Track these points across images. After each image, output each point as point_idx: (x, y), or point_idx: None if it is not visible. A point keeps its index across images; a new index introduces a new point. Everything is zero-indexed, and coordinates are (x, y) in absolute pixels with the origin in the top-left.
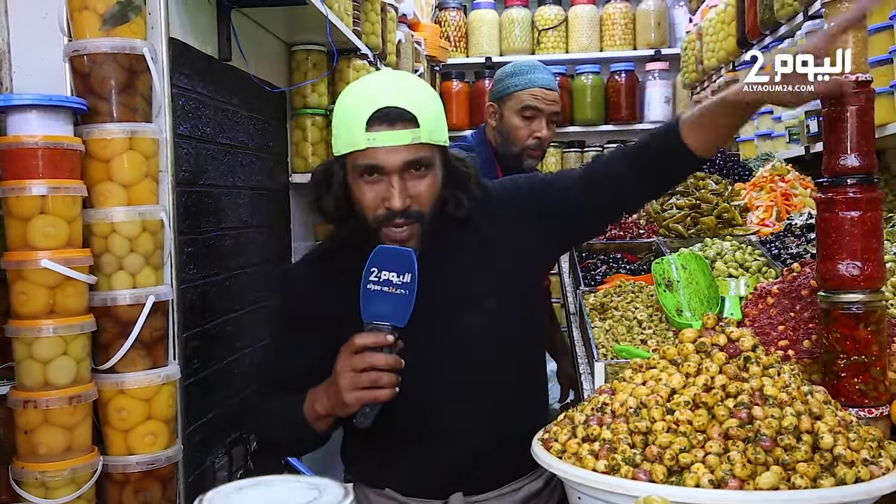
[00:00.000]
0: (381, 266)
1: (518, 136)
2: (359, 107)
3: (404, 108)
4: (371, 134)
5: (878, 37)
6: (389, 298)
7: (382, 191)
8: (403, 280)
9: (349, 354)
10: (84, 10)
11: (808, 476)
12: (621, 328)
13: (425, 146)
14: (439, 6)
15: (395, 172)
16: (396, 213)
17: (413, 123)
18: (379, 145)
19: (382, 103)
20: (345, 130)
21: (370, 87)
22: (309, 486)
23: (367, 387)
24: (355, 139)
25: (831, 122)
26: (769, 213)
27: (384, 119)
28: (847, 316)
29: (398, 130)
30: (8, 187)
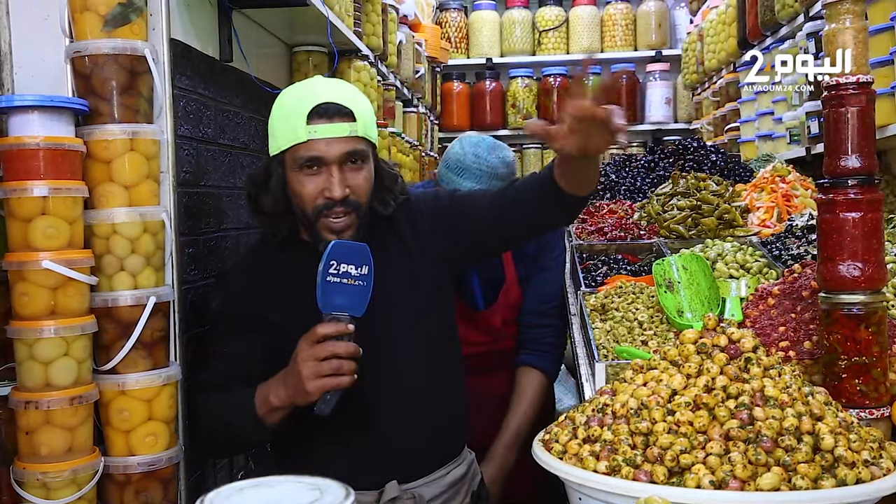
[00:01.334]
0: (340, 259)
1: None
2: (299, 103)
3: (342, 104)
4: (312, 126)
5: (879, 38)
6: (348, 290)
7: (322, 182)
8: (361, 272)
9: (310, 344)
10: (85, 11)
11: (808, 477)
12: (622, 329)
13: (361, 140)
14: (440, 7)
15: (335, 163)
16: (336, 202)
17: (350, 118)
18: (320, 137)
19: (322, 99)
20: (285, 126)
21: (307, 88)
22: (310, 486)
23: (329, 374)
24: (297, 132)
25: (832, 124)
26: (770, 214)
27: (323, 113)
28: (848, 317)
29: (337, 123)
30: (9, 188)
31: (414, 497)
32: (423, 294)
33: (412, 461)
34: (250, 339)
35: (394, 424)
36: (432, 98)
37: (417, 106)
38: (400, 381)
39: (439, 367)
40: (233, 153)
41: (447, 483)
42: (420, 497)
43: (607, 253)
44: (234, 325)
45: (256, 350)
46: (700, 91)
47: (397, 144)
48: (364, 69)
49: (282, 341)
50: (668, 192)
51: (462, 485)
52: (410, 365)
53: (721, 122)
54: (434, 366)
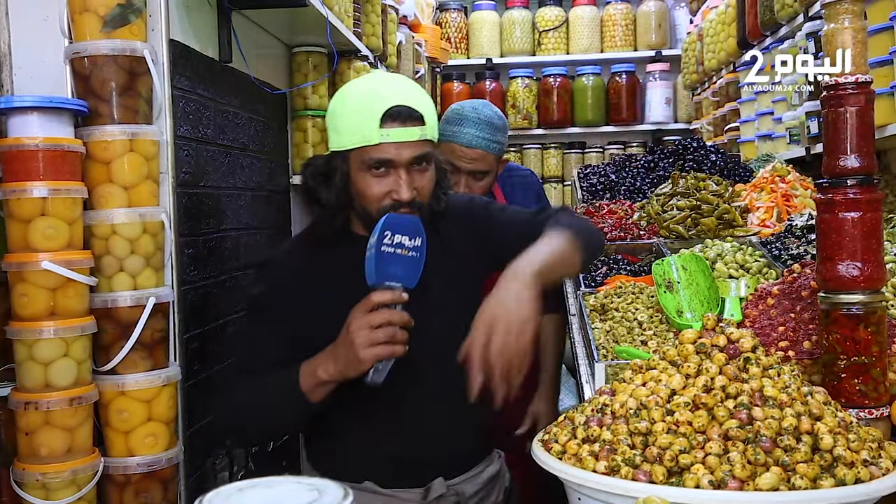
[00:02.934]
0: (394, 230)
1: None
2: (370, 104)
3: (413, 108)
4: (385, 130)
5: (878, 38)
6: (402, 260)
7: (390, 183)
8: (415, 244)
9: (364, 312)
10: (85, 12)
11: (807, 477)
12: (621, 329)
13: (428, 143)
14: (440, 7)
15: (404, 166)
16: (402, 203)
17: (420, 122)
18: (392, 140)
19: (394, 102)
20: (354, 126)
21: (379, 87)
22: (309, 487)
23: (383, 342)
24: (369, 134)
25: (831, 124)
26: (769, 214)
27: (397, 117)
28: (847, 317)
29: (409, 128)
30: (9, 189)
31: (457, 494)
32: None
33: (456, 458)
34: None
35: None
36: (432, 99)
37: None
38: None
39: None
40: (232, 154)
41: (484, 480)
42: (462, 494)
43: (607, 253)
44: (273, 314)
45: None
46: (700, 91)
47: None
48: (363, 70)
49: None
50: (667, 192)
51: (496, 481)
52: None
53: (721, 123)
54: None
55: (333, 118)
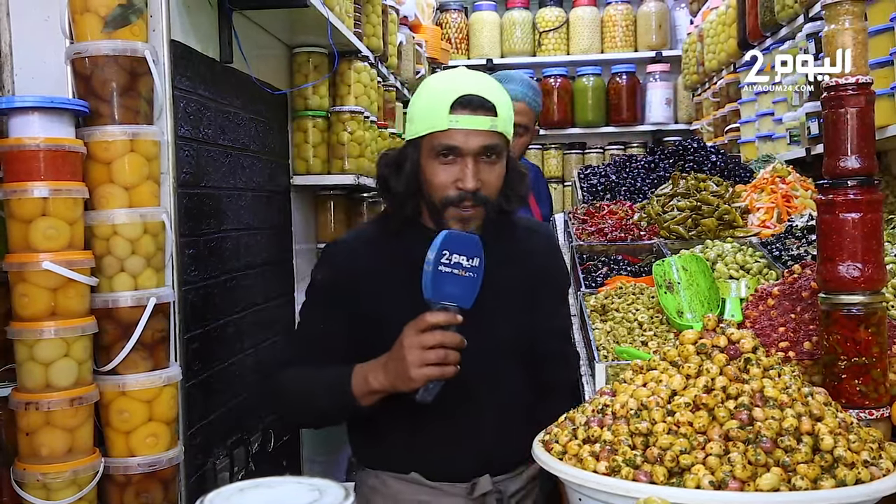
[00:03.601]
0: (453, 249)
1: None
2: (444, 92)
3: (485, 97)
4: (454, 116)
5: (879, 38)
6: (459, 281)
7: (456, 172)
8: (472, 264)
9: (417, 332)
10: (86, 12)
11: (808, 477)
12: (622, 330)
13: (499, 135)
14: (440, 8)
15: (471, 155)
16: (467, 194)
17: (492, 112)
18: (461, 127)
19: (466, 90)
20: (426, 113)
21: (456, 76)
22: (310, 487)
23: (434, 363)
24: (438, 120)
25: (832, 124)
26: (770, 215)
27: (467, 105)
28: (847, 317)
29: (479, 116)
30: (9, 189)
31: (500, 491)
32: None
33: (503, 456)
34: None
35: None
36: None
37: None
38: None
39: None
40: (233, 154)
41: (527, 478)
42: (504, 492)
43: (607, 254)
44: (337, 299)
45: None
46: (700, 92)
47: (398, 145)
48: (364, 70)
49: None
50: (668, 192)
51: (535, 483)
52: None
53: (721, 123)
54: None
55: (411, 108)
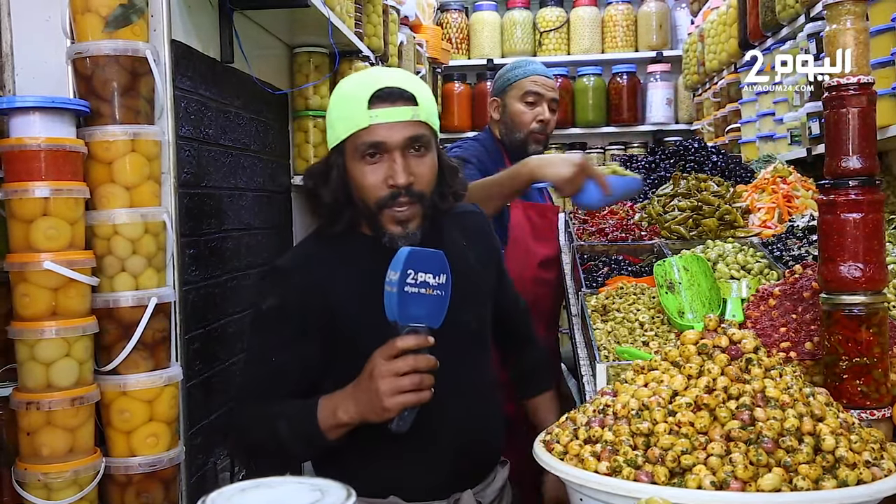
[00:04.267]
0: (417, 268)
1: (522, 121)
2: (359, 89)
3: (403, 88)
4: (374, 111)
5: (880, 38)
6: (426, 301)
7: (385, 170)
8: (439, 281)
9: (388, 358)
10: (87, 12)
11: (809, 478)
12: (623, 330)
13: (424, 125)
14: (441, 8)
15: (398, 149)
16: (400, 190)
17: (412, 102)
18: (382, 121)
19: (383, 83)
20: (345, 114)
21: (368, 74)
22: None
23: (409, 390)
24: (357, 119)
25: (833, 124)
26: (771, 215)
27: (386, 97)
28: (849, 318)
29: (400, 107)
30: (10, 189)
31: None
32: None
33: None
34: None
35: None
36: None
37: None
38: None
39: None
40: (234, 154)
41: (499, 486)
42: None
43: (608, 254)
44: (292, 323)
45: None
46: (701, 92)
47: None
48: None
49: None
50: (668, 192)
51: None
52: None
53: (722, 123)
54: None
55: (329, 114)
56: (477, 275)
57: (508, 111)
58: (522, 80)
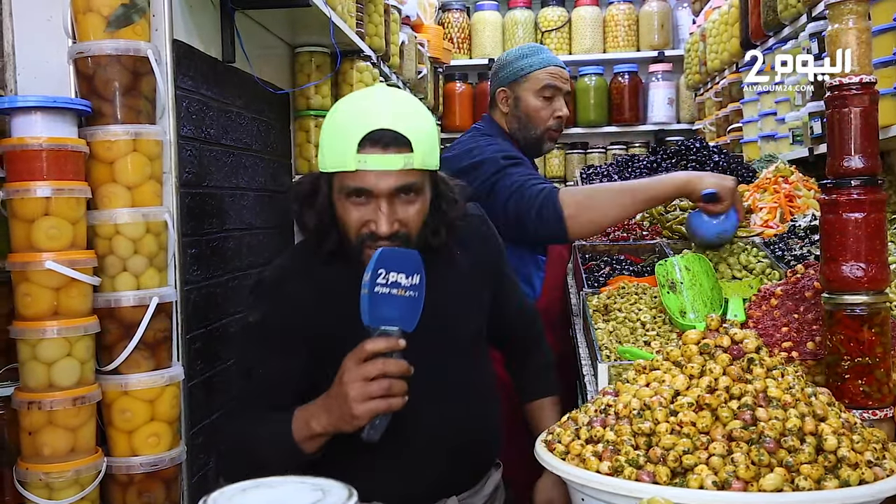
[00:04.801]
0: (389, 267)
1: (539, 117)
2: (351, 126)
3: (399, 132)
4: (362, 156)
5: (883, 38)
6: (398, 301)
7: (369, 213)
8: (412, 281)
9: (357, 362)
10: (88, 12)
11: (811, 478)
12: (624, 330)
13: (417, 172)
14: (442, 8)
15: (384, 197)
16: (380, 237)
17: (407, 148)
18: (370, 168)
19: (377, 125)
20: (335, 148)
21: (365, 106)
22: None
23: (379, 396)
24: (345, 159)
25: (835, 124)
26: (773, 215)
27: (377, 142)
28: (851, 318)
29: (391, 155)
30: (12, 189)
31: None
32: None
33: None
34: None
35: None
36: (435, 99)
37: None
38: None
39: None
40: (235, 154)
41: (490, 490)
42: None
43: (610, 253)
44: (278, 340)
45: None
46: (703, 91)
47: None
48: (366, 70)
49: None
50: None
51: (498, 491)
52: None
53: (724, 123)
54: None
55: (321, 135)
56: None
57: (522, 105)
58: (538, 71)
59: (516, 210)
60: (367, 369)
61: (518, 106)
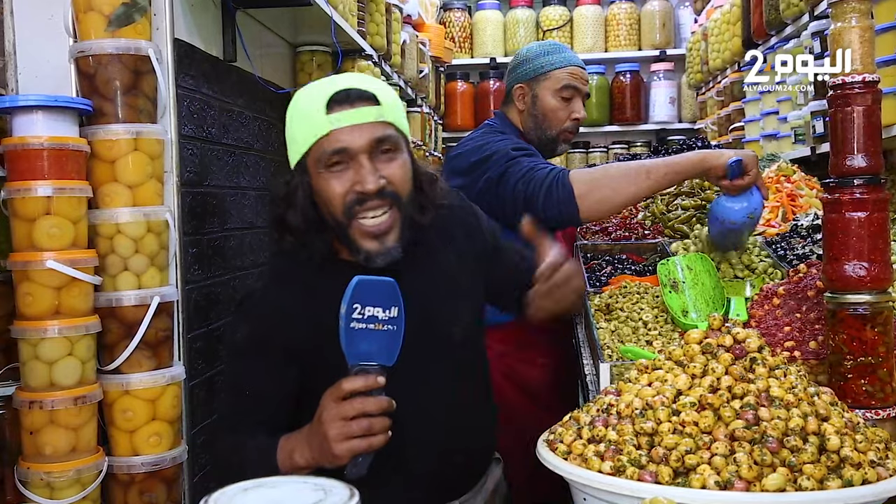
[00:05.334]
0: (365, 301)
1: (557, 118)
2: (316, 96)
3: (363, 89)
4: (333, 115)
5: (886, 37)
6: (376, 336)
7: (351, 176)
8: (390, 315)
9: (336, 401)
10: (89, 11)
11: (814, 478)
12: (627, 329)
13: (390, 126)
14: (444, 7)
15: (364, 153)
16: (369, 194)
17: (374, 101)
18: (343, 124)
19: (341, 86)
20: (303, 125)
21: (323, 81)
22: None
23: (359, 435)
24: (317, 126)
25: (838, 123)
26: (775, 214)
27: (344, 100)
28: (854, 317)
29: (361, 108)
30: (13, 188)
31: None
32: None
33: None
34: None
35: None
36: (436, 98)
37: (421, 106)
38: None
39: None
40: (237, 153)
41: (489, 490)
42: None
43: (612, 253)
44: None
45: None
46: (704, 91)
47: None
48: (368, 69)
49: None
50: (672, 191)
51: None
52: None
53: (725, 122)
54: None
55: (287, 129)
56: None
57: (539, 104)
58: (559, 70)
59: (525, 193)
60: (345, 409)
61: (535, 104)
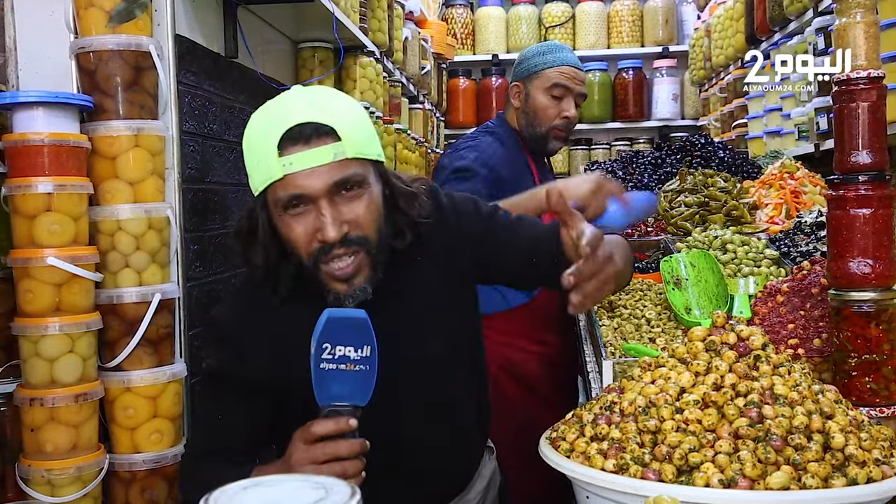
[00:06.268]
0: (335, 340)
1: (546, 115)
2: (268, 130)
3: (319, 122)
4: (286, 158)
5: (891, 32)
6: (348, 377)
7: (312, 222)
8: (363, 354)
9: (307, 445)
10: (90, 7)
11: (819, 476)
12: (630, 327)
13: (353, 162)
14: (446, 3)
15: (323, 197)
16: (330, 243)
17: (333, 137)
18: (297, 169)
19: (293, 121)
20: (257, 162)
21: (277, 108)
22: (315, 485)
23: None
24: (270, 169)
25: (843, 119)
26: (778, 211)
27: (297, 139)
28: (858, 314)
29: (317, 148)
30: (14, 185)
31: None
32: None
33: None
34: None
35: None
36: (438, 94)
37: (423, 102)
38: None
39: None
40: (238, 149)
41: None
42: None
43: None
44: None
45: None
46: (707, 87)
47: (403, 141)
48: (370, 65)
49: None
50: (675, 188)
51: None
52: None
53: (728, 119)
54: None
55: (245, 156)
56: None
57: (531, 101)
58: (550, 69)
59: None
60: (315, 453)
61: (528, 102)
